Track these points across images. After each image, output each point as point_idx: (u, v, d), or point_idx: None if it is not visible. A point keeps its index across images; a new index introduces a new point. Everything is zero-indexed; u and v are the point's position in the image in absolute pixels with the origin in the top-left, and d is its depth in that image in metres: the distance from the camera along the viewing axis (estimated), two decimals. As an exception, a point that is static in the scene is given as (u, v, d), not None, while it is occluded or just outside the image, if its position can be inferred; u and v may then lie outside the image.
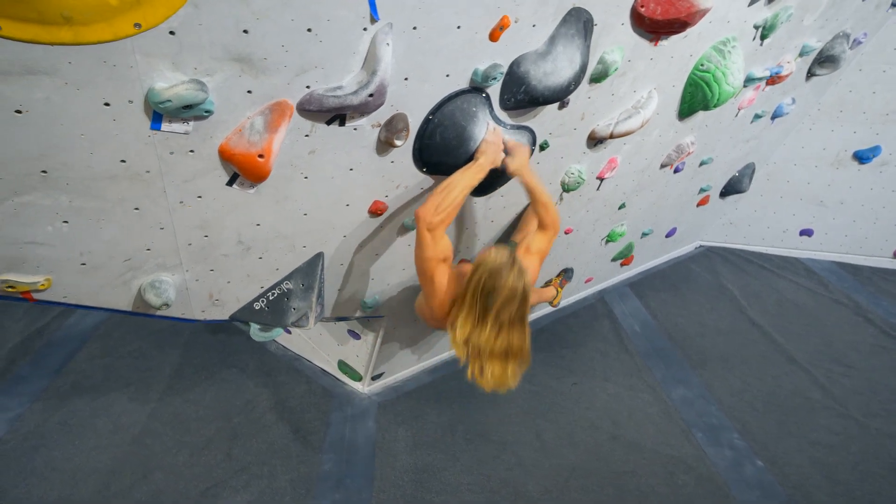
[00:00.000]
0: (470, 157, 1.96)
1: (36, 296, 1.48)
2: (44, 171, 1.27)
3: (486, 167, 1.91)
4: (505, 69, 1.83)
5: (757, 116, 3.46)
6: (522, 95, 1.95)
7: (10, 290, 1.40)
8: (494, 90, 1.91)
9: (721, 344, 3.61)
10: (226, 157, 1.48)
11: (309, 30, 1.36)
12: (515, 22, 1.72)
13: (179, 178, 1.47)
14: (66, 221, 1.39)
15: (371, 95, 1.54)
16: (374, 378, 3.07)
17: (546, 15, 1.79)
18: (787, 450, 2.80)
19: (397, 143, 1.77)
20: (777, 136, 3.99)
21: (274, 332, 2.03)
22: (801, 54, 3.15)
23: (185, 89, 1.25)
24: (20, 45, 1.07)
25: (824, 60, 3.33)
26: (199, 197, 1.55)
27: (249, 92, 1.40)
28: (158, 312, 1.71)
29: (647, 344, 3.60)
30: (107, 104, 1.23)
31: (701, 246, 4.84)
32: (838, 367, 3.42)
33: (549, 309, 3.82)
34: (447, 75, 1.74)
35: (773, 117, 3.61)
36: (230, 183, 1.57)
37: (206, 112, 1.35)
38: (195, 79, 1.28)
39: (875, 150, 4.09)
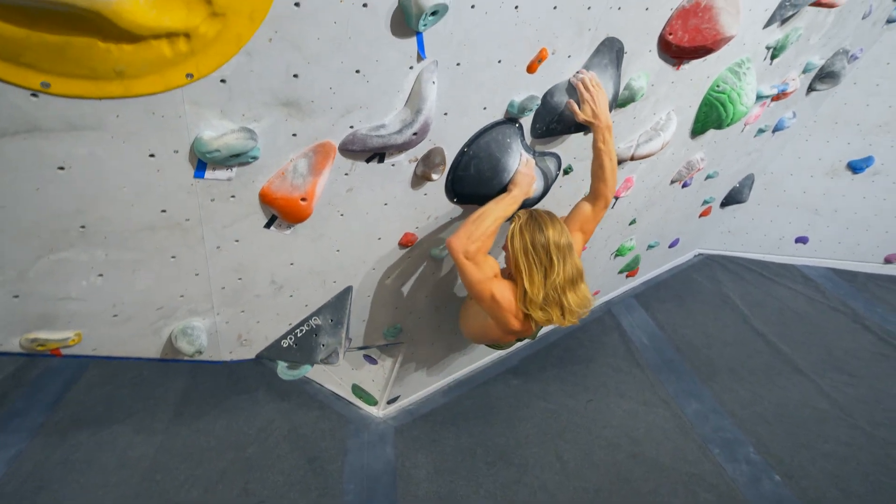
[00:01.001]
0: (503, 188, 1.92)
1: (65, 351, 1.39)
2: (82, 227, 1.19)
3: (519, 199, 1.88)
4: (540, 100, 1.80)
5: (760, 131, 3.50)
6: (555, 125, 1.92)
7: (40, 348, 1.32)
8: (526, 120, 1.88)
9: (728, 355, 3.65)
10: (267, 200, 1.42)
11: (357, 71, 1.31)
12: (553, 53, 1.69)
13: (219, 224, 1.41)
14: (100, 275, 1.31)
15: (415, 134, 1.49)
16: (389, 402, 3.02)
17: (581, 45, 1.76)
18: (801, 462, 2.84)
19: (434, 177, 1.72)
20: (776, 147, 4.05)
21: (302, 370, 1.96)
22: (804, 71, 3.19)
23: (236, 139, 1.19)
24: (66, 101, 1.00)
25: (825, 76, 3.39)
26: (237, 241, 1.49)
27: (294, 135, 1.34)
28: (189, 358, 1.63)
29: (657, 357, 3.61)
30: (152, 155, 1.17)
31: (700, 254, 4.90)
32: (841, 375, 3.48)
33: (557, 323, 3.80)
34: (484, 108, 1.70)
35: (775, 130, 3.66)
36: (268, 225, 1.51)
37: (252, 158, 1.29)
38: (245, 126, 1.21)
39: (868, 161, 4.18)
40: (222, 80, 1.13)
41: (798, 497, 2.65)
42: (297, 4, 1.11)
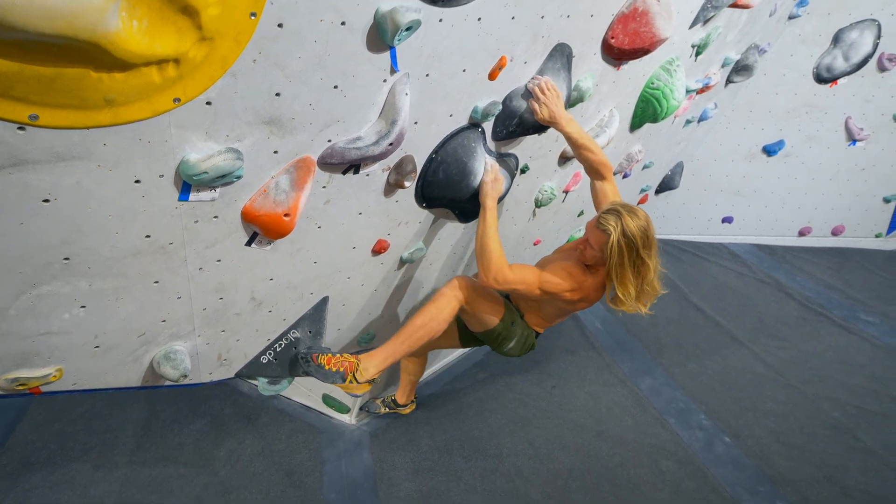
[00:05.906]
0: (470, 190, 2.00)
1: (45, 388, 1.34)
2: (66, 259, 1.16)
3: (494, 207, 1.98)
4: (501, 105, 1.89)
5: (687, 122, 3.78)
6: (514, 127, 2.02)
7: (20, 387, 1.26)
8: (487, 124, 1.96)
9: (673, 331, 3.93)
10: (249, 218, 1.42)
11: (335, 87, 1.34)
12: (511, 60, 1.79)
13: (201, 245, 1.40)
14: (83, 306, 1.27)
15: (391, 144, 1.54)
16: (361, 408, 3.03)
17: (536, 52, 1.87)
18: (746, 423, 3.12)
19: (407, 184, 1.77)
20: (700, 136, 4.38)
21: (283, 384, 1.96)
22: (723, 65, 3.49)
23: (224, 160, 1.19)
24: (53, 133, 0.97)
25: (741, 69, 3.71)
26: (218, 261, 1.48)
27: (275, 152, 1.36)
28: (173, 383, 1.60)
29: (610, 339, 3.83)
30: (137, 181, 1.15)
31: (638, 239, 5.20)
32: (773, 341, 3.84)
33: (516, 316, 3.94)
34: (450, 115, 1.77)
35: (700, 121, 3.97)
36: (249, 243, 1.51)
37: (237, 178, 1.29)
38: (231, 147, 1.22)
39: (780, 144, 4.61)
40: (208, 103, 1.14)
41: (746, 454, 2.92)
42: (280, 25, 1.13)
